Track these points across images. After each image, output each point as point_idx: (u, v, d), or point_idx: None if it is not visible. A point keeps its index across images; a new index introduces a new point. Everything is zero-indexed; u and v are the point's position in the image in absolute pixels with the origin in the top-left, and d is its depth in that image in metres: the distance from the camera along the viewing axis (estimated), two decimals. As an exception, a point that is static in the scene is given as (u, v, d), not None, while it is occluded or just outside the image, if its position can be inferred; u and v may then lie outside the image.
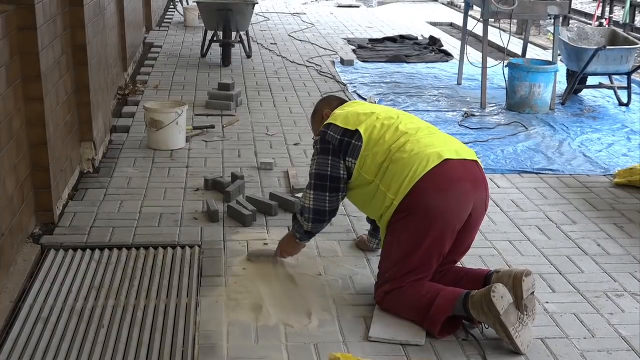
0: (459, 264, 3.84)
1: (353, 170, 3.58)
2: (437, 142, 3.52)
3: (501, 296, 3.19)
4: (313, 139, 3.98)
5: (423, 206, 3.37)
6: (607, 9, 11.94)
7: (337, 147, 3.58)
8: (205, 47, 9.49)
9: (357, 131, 3.55)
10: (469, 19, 8.56)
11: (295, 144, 6.09)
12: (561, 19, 7.79)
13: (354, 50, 10.31)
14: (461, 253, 3.63)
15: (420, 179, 3.37)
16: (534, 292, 3.36)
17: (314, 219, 3.72)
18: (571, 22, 12.17)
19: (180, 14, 12.86)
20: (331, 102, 3.94)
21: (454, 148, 3.52)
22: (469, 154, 3.56)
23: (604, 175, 5.60)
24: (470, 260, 4.07)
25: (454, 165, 3.43)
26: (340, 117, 3.66)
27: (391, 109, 3.85)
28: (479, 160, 3.58)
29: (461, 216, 3.42)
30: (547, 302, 3.69)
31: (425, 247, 3.39)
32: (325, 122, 3.71)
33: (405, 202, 3.39)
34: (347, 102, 3.94)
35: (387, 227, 3.50)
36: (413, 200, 3.38)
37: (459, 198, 3.39)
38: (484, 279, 3.48)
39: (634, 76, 7.89)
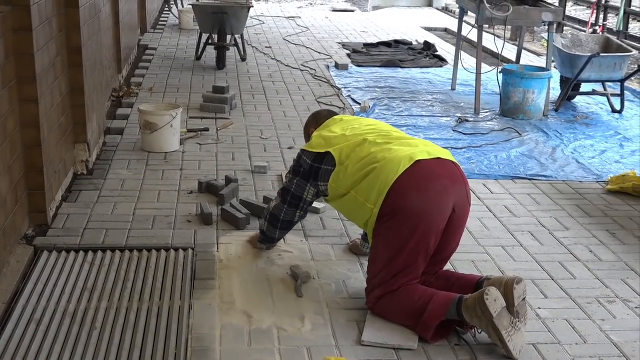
0: (451, 269, 3.85)
1: (327, 189, 3.74)
2: (409, 148, 3.59)
3: (494, 299, 3.21)
4: None
5: (402, 208, 3.41)
6: (601, 16, 12.00)
7: (308, 171, 3.79)
8: (200, 50, 9.49)
9: (328, 153, 3.70)
10: (464, 24, 8.58)
11: (289, 148, 6.10)
12: (555, 25, 7.80)
13: (348, 55, 10.33)
14: (450, 252, 3.65)
15: (395, 182, 3.43)
16: (525, 298, 3.37)
17: (269, 221, 4.00)
18: (565, 28, 12.22)
19: (175, 16, 12.87)
20: (318, 120, 4.10)
21: (426, 150, 3.59)
22: (443, 153, 3.62)
23: (597, 182, 5.62)
24: (462, 266, 4.08)
25: (427, 164, 3.50)
26: (313, 142, 3.85)
27: (368, 122, 3.95)
28: (455, 160, 3.65)
29: (443, 212, 3.44)
30: (539, 308, 3.70)
31: (410, 248, 3.41)
32: (302, 147, 3.90)
33: (384, 208, 3.45)
34: (333, 115, 4.08)
35: (373, 232, 3.54)
36: (392, 205, 3.43)
37: (437, 194, 3.43)
38: (475, 285, 3.49)
39: (627, 83, 7.93)
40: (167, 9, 13.98)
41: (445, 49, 10.98)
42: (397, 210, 3.41)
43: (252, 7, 9.47)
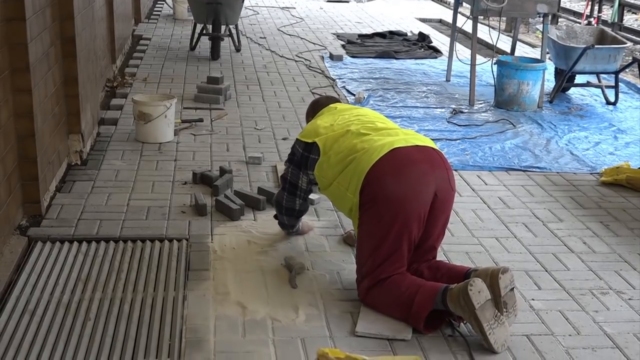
0: (443, 260, 3.85)
1: (315, 178, 3.84)
2: (389, 137, 3.61)
3: (478, 290, 3.20)
4: None
5: (381, 195, 3.44)
6: (596, 7, 12.01)
7: (299, 160, 3.90)
8: (194, 40, 9.47)
9: (314, 143, 3.78)
10: (459, 15, 8.57)
11: (284, 139, 6.09)
12: (550, 17, 7.81)
13: (343, 46, 10.32)
14: (436, 238, 3.64)
15: (371, 170, 3.47)
16: (513, 288, 3.37)
17: (276, 207, 4.16)
18: (560, 20, 12.23)
19: (169, 6, 12.82)
20: (316, 109, 4.19)
21: (405, 138, 3.62)
22: (423, 141, 3.65)
23: (591, 174, 5.63)
24: (456, 257, 4.09)
25: (405, 150, 3.53)
26: (305, 131, 3.93)
27: (358, 112, 3.95)
28: (437, 147, 3.66)
29: (423, 198, 3.45)
30: (533, 299, 3.71)
31: (393, 234, 3.42)
32: (297, 136, 3.99)
33: (363, 196, 3.49)
34: (332, 102, 4.16)
35: (357, 221, 3.58)
36: (371, 193, 3.47)
37: (416, 180, 3.45)
38: (464, 276, 3.48)
39: (621, 75, 7.93)
40: (161, -1, 13.94)
41: (440, 40, 10.97)
42: (377, 198, 3.45)
43: (247, -3, 9.44)
